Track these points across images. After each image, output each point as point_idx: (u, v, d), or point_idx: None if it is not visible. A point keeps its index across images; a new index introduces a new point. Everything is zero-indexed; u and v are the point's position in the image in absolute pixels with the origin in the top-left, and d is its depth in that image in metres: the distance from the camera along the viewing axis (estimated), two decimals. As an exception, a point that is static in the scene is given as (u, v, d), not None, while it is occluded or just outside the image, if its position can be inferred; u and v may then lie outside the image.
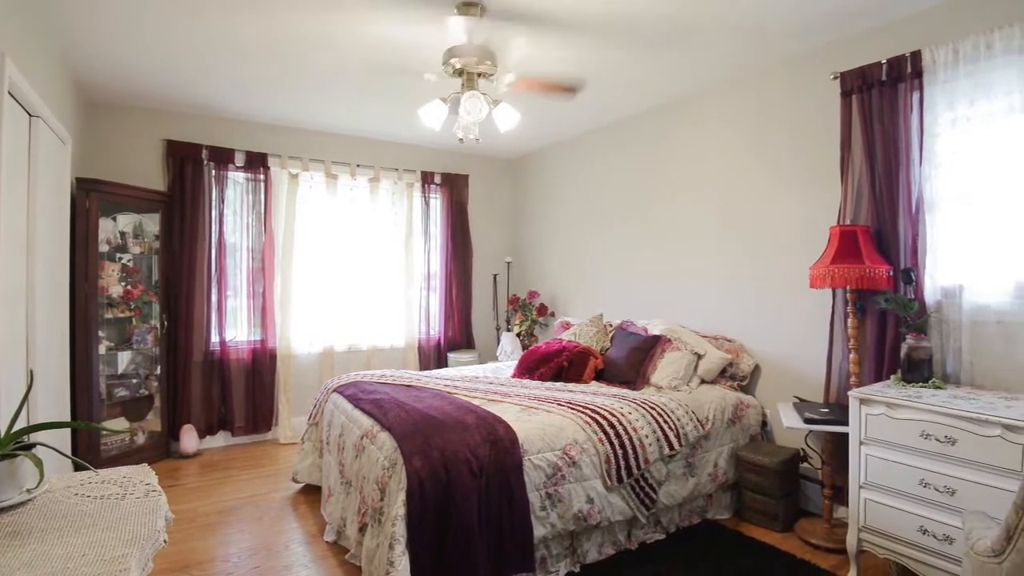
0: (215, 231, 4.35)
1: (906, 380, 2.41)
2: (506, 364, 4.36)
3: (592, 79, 3.56)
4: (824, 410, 2.73)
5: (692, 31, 2.89)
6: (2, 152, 2.17)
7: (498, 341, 5.45)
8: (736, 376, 3.38)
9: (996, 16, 2.33)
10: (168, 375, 4.15)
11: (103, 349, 3.76)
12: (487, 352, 5.71)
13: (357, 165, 4.99)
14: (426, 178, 5.33)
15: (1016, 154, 2.29)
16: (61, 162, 3.16)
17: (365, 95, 3.90)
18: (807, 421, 2.64)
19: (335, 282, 4.90)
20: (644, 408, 2.84)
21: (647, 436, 2.71)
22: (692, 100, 3.85)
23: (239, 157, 4.45)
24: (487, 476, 2.24)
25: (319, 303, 4.84)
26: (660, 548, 2.71)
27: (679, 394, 3.13)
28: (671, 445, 2.76)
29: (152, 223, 4.09)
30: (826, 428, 2.60)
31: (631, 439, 2.65)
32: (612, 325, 4.13)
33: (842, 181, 2.87)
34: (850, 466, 2.35)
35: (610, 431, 2.63)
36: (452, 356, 5.28)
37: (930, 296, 2.54)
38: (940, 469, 2.05)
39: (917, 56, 2.55)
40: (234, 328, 4.49)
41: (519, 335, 5.21)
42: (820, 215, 3.04)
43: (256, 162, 4.50)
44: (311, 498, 3.34)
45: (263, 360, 4.52)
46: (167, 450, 4.14)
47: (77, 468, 2.47)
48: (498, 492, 2.24)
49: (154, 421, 4.10)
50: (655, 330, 3.69)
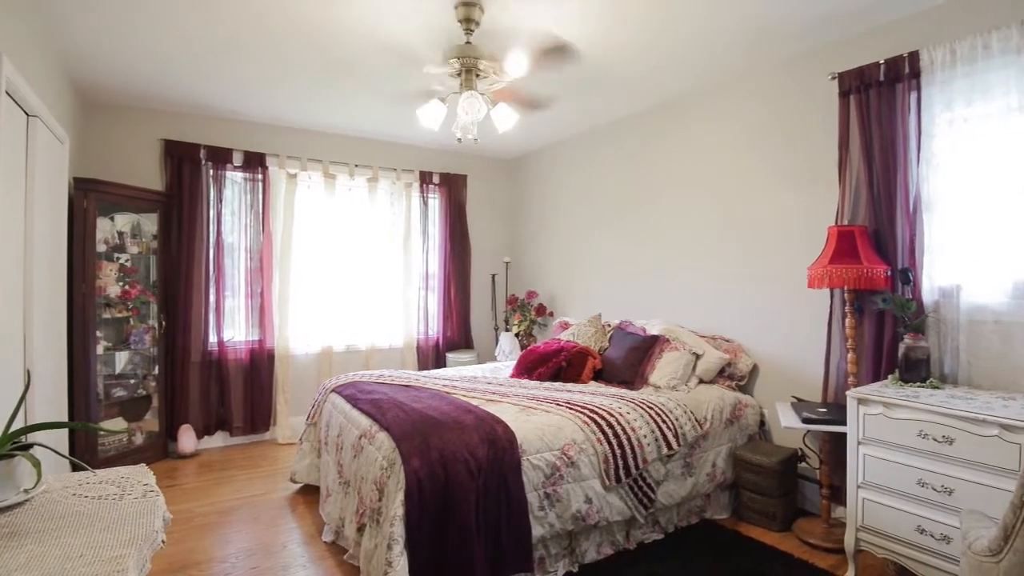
0: (213, 231, 4.34)
1: (904, 380, 2.41)
2: (504, 364, 4.36)
3: (591, 79, 3.56)
4: (822, 410, 2.73)
5: (691, 31, 2.90)
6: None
7: (496, 341, 5.45)
8: (734, 376, 3.39)
9: (993, 17, 2.34)
10: (166, 375, 4.15)
11: (101, 349, 3.76)
12: (486, 352, 5.71)
13: (355, 165, 4.99)
14: (424, 178, 5.33)
15: (1013, 154, 2.30)
16: (59, 162, 3.15)
17: (363, 95, 3.90)
18: (805, 421, 2.64)
19: (333, 282, 4.89)
20: (642, 408, 2.84)
21: (645, 436, 2.71)
22: (690, 100, 3.86)
23: (237, 157, 4.45)
24: (485, 476, 2.24)
25: (317, 303, 4.84)
26: (658, 548, 2.71)
27: (677, 394, 3.13)
28: (669, 445, 2.76)
29: (150, 223, 4.09)
30: (824, 428, 2.60)
31: (629, 439, 2.65)
32: (610, 325, 4.13)
33: (840, 181, 2.88)
34: (848, 466, 2.36)
35: (608, 431, 2.63)
36: (451, 356, 5.28)
37: (928, 296, 2.55)
38: (938, 469, 2.06)
39: (915, 56, 2.55)
40: (232, 328, 4.48)
41: (517, 335, 5.22)
42: (818, 215, 3.05)
43: (254, 162, 4.50)
44: (309, 498, 3.34)
45: (261, 360, 4.52)
46: (165, 450, 4.13)
47: (75, 468, 2.46)
48: (496, 492, 2.24)
49: (152, 421, 4.09)
50: (653, 330, 3.69)
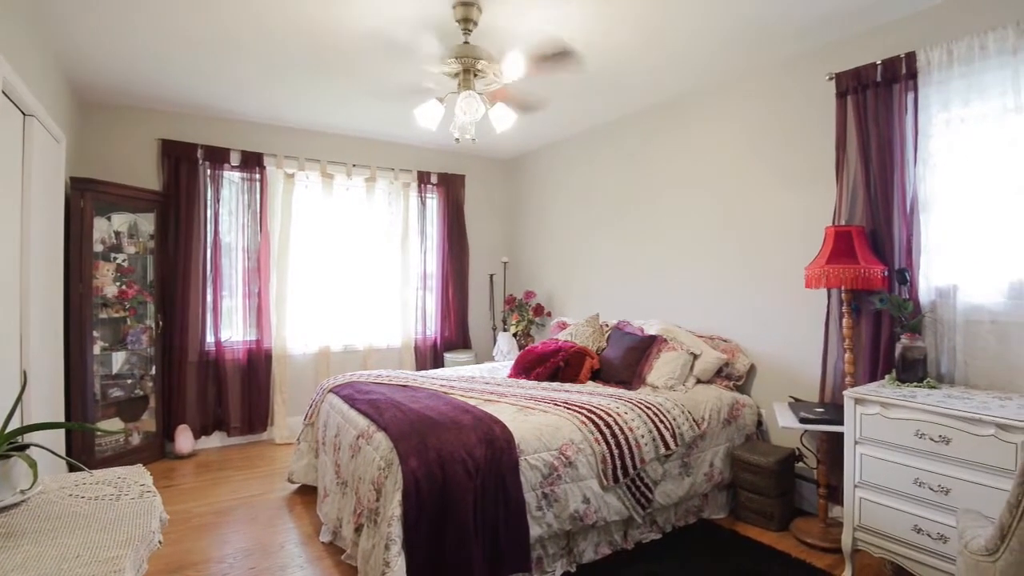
0: (210, 231, 4.34)
1: (901, 380, 2.42)
2: (502, 364, 4.36)
3: (590, 79, 3.56)
4: (819, 410, 2.74)
5: (690, 31, 2.90)
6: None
7: (494, 341, 5.45)
8: (732, 376, 3.39)
9: (990, 17, 2.35)
10: (163, 375, 4.14)
11: (98, 349, 3.75)
12: (483, 352, 5.71)
13: (353, 165, 4.98)
14: (422, 178, 5.32)
15: (1010, 155, 2.30)
16: (55, 161, 3.14)
17: (361, 94, 3.89)
18: (802, 421, 2.65)
19: (331, 282, 4.89)
20: (640, 408, 2.84)
21: (643, 436, 2.71)
22: (688, 100, 3.86)
23: (234, 156, 4.44)
24: (483, 476, 2.24)
25: (315, 303, 4.83)
26: (656, 548, 2.71)
27: (675, 394, 3.13)
28: (667, 445, 2.76)
29: (147, 223, 4.08)
30: (821, 428, 2.61)
31: (627, 439, 2.65)
32: (608, 325, 4.13)
33: (837, 181, 2.88)
34: (845, 465, 2.36)
35: (606, 431, 2.63)
36: (448, 356, 5.28)
37: (924, 296, 2.56)
38: (934, 468, 2.07)
39: (912, 57, 2.56)
40: (229, 328, 4.48)
41: (515, 335, 5.22)
42: (816, 215, 3.06)
43: (252, 161, 4.49)
44: (307, 499, 3.33)
45: (259, 360, 4.51)
46: (162, 451, 4.12)
47: (71, 469, 2.46)
48: (494, 492, 2.24)
49: (149, 422, 4.08)
50: (651, 330, 3.69)
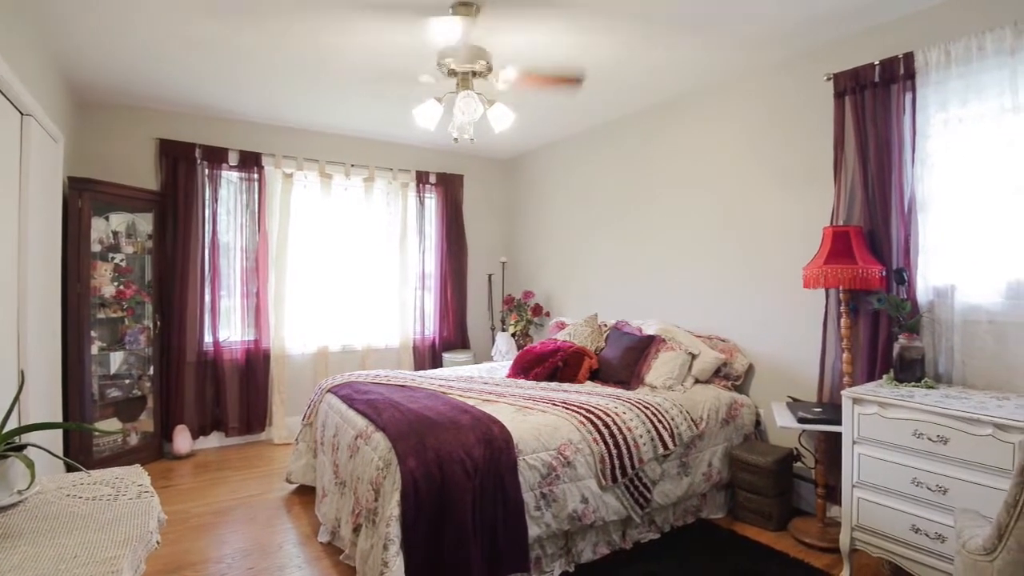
0: (208, 231, 4.33)
1: (898, 380, 2.42)
2: (501, 364, 4.36)
3: (589, 79, 3.56)
4: (817, 410, 2.74)
5: (688, 33, 2.90)
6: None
7: (493, 341, 5.45)
8: (730, 376, 3.39)
9: (988, 18, 2.35)
10: (161, 375, 4.13)
11: (95, 349, 3.74)
12: (482, 352, 5.71)
13: (352, 165, 4.98)
14: (421, 178, 5.32)
15: (1007, 155, 2.31)
16: (53, 161, 3.13)
17: (360, 94, 3.89)
18: (800, 420, 2.65)
19: (330, 282, 4.88)
20: (638, 408, 2.84)
21: (641, 436, 2.71)
22: (687, 101, 3.86)
23: (233, 156, 4.43)
24: (482, 476, 2.23)
25: (313, 303, 4.83)
26: (654, 547, 2.71)
27: (673, 394, 3.13)
28: (665, 445, 2.76)
29: (145, 222, 4.07)
30: (819, 427, 2.61)
31: (626, 439, 2.65)
32: (607, 325, 4.13)
33: (835, 182, 2.89)
34: (843, 465, 2.37)
35: (605, 431, 2.63)
36: (447, 356, 5.27)
37: (922, 296, 2.56)
38: (932, 468, 2.07)
39: (910, 57, 2.56)
40: (227, 328, 4.47)
41: (514, 335, 5.22)
42: (814, 215, 3.06)
43: (250, 161, 4.48)
44: (305, 499, 3.33)
45: (257, 360, 4.50)
46: (160, 451, 4.12)
47: (69, 469, 2.45)
48: (493, 492, 2.24)
49: (147, 422, 4.08)
50: (649, 330, 3.69)
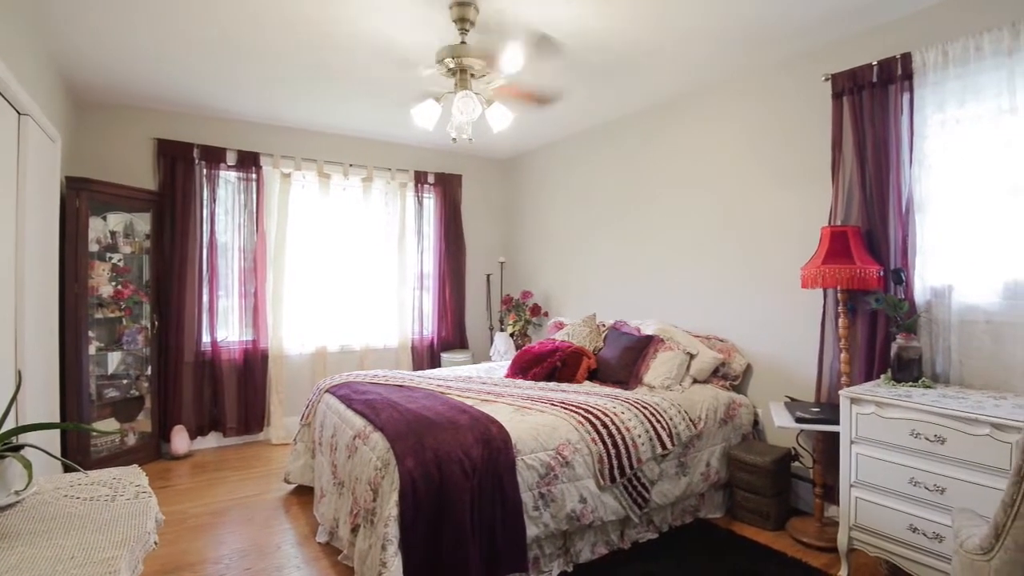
0: (206, 231, 4.32)
1: (896, 379, 2.43)
2: (499, 364, 4.36)
3: (588, 79, 3.57)
4: (815, 409, 2.74)
5: (687, 33, 2.91)
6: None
7: (491, 341, 5.45)
8: (728, 376, 3.40)
9: (985, 19, 2.36)
10: (159, 376, 4.13)
11: (93, 349, 3.73)
12: (480, 352, 5.71)
13: (350, 164, 4.97)
14: (419, 178, 5.32)
15: (1005, 156, 2.31)
16: (51, 161, 3.12)
17: (358, 94, 3.89)
18: (798, 420, 2.65)
19: (328, 282, 4.88)
20: (637, 408, 2.84)
21: (640, 436, 2.71)
22: (686, 101, 3.87)
23: (231, 156, 4.42)
24: (480, 476, 2.23)
25: (312, 303, 4.82)
26: (653, 547, 2.72)
27: (672, 394, 3.14)
28: (664, 445, 2.77)
29: (143, 222, 4.06)
30: (817, 427, 2.61)
31: (624, 439, 2.66)
32: (605, 325, 4.13)
33: (833, 182, 2.89)
34: (841, 465, 2.37)
35: (603, 431, 2.63)
36: (445, 356, 5.27)
37: (920, 296, 2.56)
38: (930, 468, 2.07)
39: (907, 58, 2.57)
40: (225, 328, 4.46)
41: (512, 335, 5.22)
42: (812, 215, 3.06)
43: (248, 161, 4.48)
44: (303, 499, 3.33)
45: (255, 360, 4.50)
46: (158, 451, 4.11)
47: (66, 469, 2.44)
48: (491, 492, 2.24)
49: (144, 422, 4.07)
50: (648, 330, 3.70)
